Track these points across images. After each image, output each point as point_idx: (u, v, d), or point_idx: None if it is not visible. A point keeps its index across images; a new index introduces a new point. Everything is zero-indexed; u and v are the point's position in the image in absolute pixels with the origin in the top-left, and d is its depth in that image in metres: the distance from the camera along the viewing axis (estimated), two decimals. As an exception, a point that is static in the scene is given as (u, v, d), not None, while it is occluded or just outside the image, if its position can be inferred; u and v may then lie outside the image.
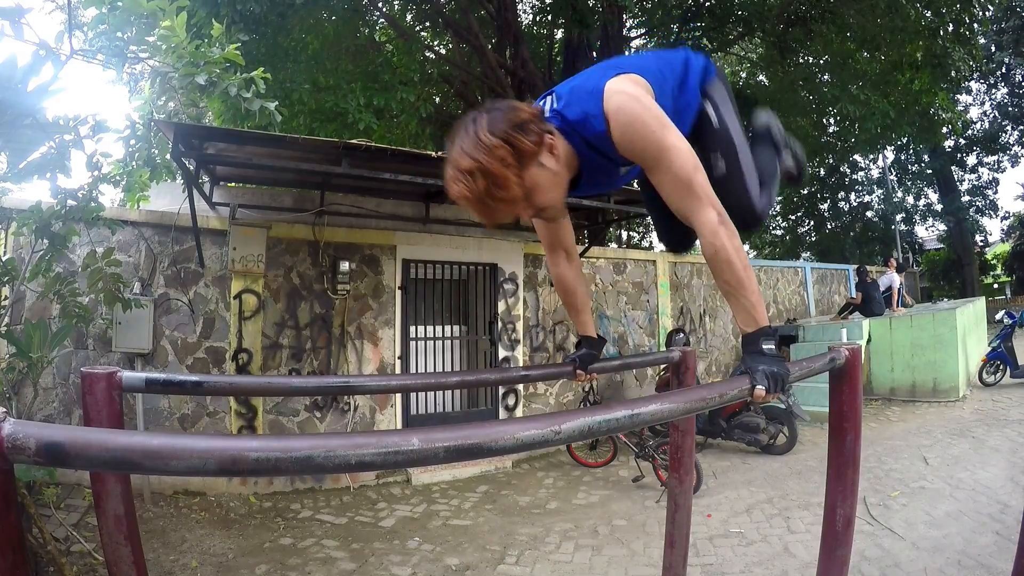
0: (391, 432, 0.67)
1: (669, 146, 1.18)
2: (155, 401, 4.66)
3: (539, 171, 1.16)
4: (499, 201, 1.11)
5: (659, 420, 0.92)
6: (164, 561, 3.54)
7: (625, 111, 1.19)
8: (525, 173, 1.13)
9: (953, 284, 21.53)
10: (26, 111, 2.45)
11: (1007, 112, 20.14)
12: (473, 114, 1.15)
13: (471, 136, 1.10)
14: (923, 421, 6.50)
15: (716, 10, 8.74)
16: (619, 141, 1.21)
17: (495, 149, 1.08)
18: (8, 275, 3.24)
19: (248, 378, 4.09)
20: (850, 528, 1.29)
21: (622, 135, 1.20)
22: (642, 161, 1.23)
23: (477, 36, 8.62)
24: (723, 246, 1.16)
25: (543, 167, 1.17)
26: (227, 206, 5.07)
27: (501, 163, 1.08)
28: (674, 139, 1.19)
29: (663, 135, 1.18)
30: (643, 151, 1.20)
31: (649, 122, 1.19)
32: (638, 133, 1.18)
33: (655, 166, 1.21)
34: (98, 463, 0.60)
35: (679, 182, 1.19)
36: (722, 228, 1.17)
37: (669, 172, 1.19)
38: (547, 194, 1.20)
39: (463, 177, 1.09)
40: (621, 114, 1.19)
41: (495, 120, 1.11)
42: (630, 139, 1.20)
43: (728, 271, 1.17)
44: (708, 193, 1.20)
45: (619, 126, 1.19)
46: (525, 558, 3.63)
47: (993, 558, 3.08)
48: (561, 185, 1.25)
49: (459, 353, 6.50)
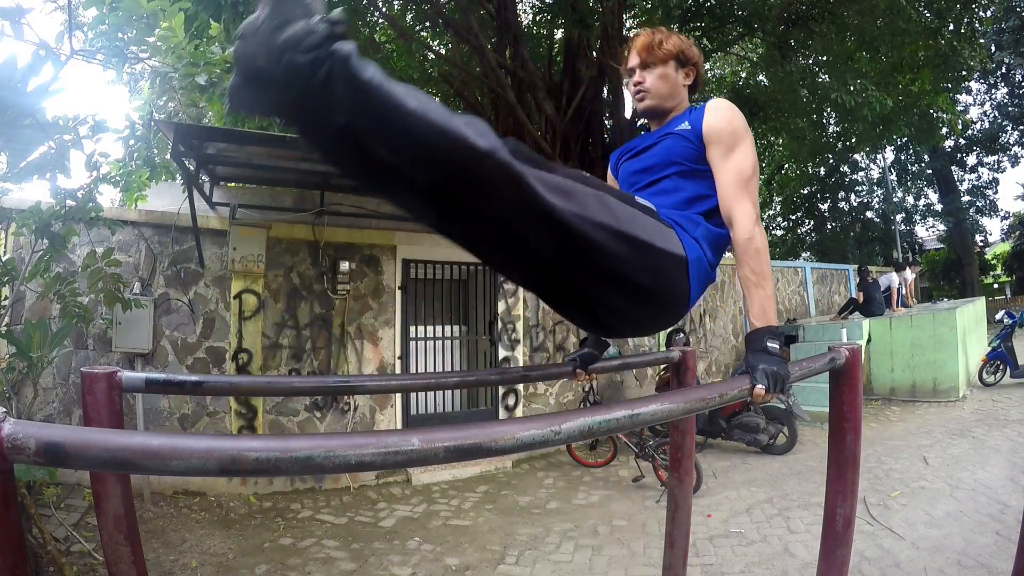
0: (391, 432, 0.67)
1: (748, 147, 1.40)
2: (155, 401, 4.65)
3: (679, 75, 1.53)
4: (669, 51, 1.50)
5: (659, 420, 0.92)
6: (164, 561, 3.54)
7: (730, 106, 1.45)
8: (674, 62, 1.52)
9: (953, 284, 21.53)
10: (26, 111, 2.44)
11: (1007, 112, 20.14)
12: None
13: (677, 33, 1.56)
14: (923, 421, 6.50)
15: (716, 10, 8.74)
16: (711, 113, 1.43)
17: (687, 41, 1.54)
18: (8, 275, 3.24)
19: (248, 378, 4.09)
20: (850, 528, 1.29)
21: (714, 119, 1.41)
22: (719, 140, 1.40)
23: (477, 36, 8.61)
24: (759, 235, 1.31)
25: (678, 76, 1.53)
26: (227, 206, 5.07)
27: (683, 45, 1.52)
28: (752, 147, 1.42)
29: (746, 137, 1.41)
30: (729, 135, 1.39)
31: (739, 121, 1.42)
32: (732, 121, 1.41)
33: (728, 152, 1.38)
34: (98, 463, 0.60)
35: (742, 173, 1.36)
36: (759, 225, 1.33)
37: (739, 162, 1.37)
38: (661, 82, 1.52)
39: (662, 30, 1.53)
40: (726, 105, 1.45)
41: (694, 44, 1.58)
42: (719, 124, 1.40)
43: (756, 260, 1.29)
44: (756, 198, 1.38)
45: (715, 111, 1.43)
46: (525, 558, 3.63)
47: (993, 558, 3.08)
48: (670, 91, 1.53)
49: (459, 353, 6.50)
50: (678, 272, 1.24)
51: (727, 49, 10.93)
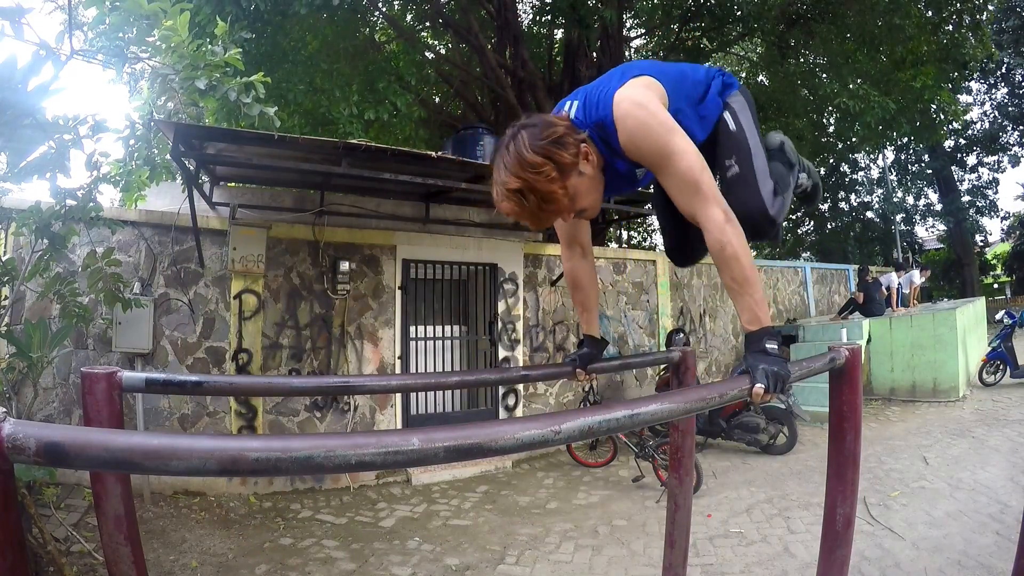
0: (391, 432, 0.67)
1: (675, 150, 1.22)
2: (155, 401, 4.65)
3: (579, 179, 1.24)
4: (547, 212, 1.21)
5: (659, 420, 0.92)
6: (164, 561, 3.54)
7: (631, 117, 1.23)
8: (568, 183, 1.21)
9: (953, 284, 21.52)
10: (26, 111, 2.44)
11: (1007, 112, 20.12)
12: (511, 131, 1.23)
13: (513, 155, 1.17)
14: (923, 421, 6.50)
15: (716, 10, 8.74)
16: (626, 146, 1.26)
17: (539, 167, 1.16)
18: (8, 275, 3.24)
19: (248, 378, 4.09)
20: (850, 528, 1.29)
21: (628, 140, 1.25)
22: (649, 165, 1.27)
23: (477, 36, 8.61)
24: (729, 242, 1.19)
25: (582, 175, 1.25)
26: (227, 206, 5.07)
27: (546, 179, 1.16)
28: (679, 142, 1.23)
29: (668, 139, 1.22)
30: (649, 155, 1.25)
31: (654, 127, 1.22)
32: (643, 138, 1.23)
33: (662, 169, 1.25)
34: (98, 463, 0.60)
35: (686, 183, 1.22)
36: (728, 226, 1.20)
37: (676, 174, 1.23)
38: (587, 198, 1.29)
39: (513, 196, 1.18)
40: (627, 120, 1.24)
41: (534, 137, 1.18)
42: (636, 144, 1.25)
43: (735, 267, 1.20)
44: (715, 193, 1.23)
45: (625, 132, 1.24)
46: (525, 558, 3.63)
47: (993, 558, 3.07)
48: (598, 188, 1.33)
49: (459, 353, 6.50)
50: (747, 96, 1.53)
51: (727, 49, 10.94)
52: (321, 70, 7.43)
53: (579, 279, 1.70)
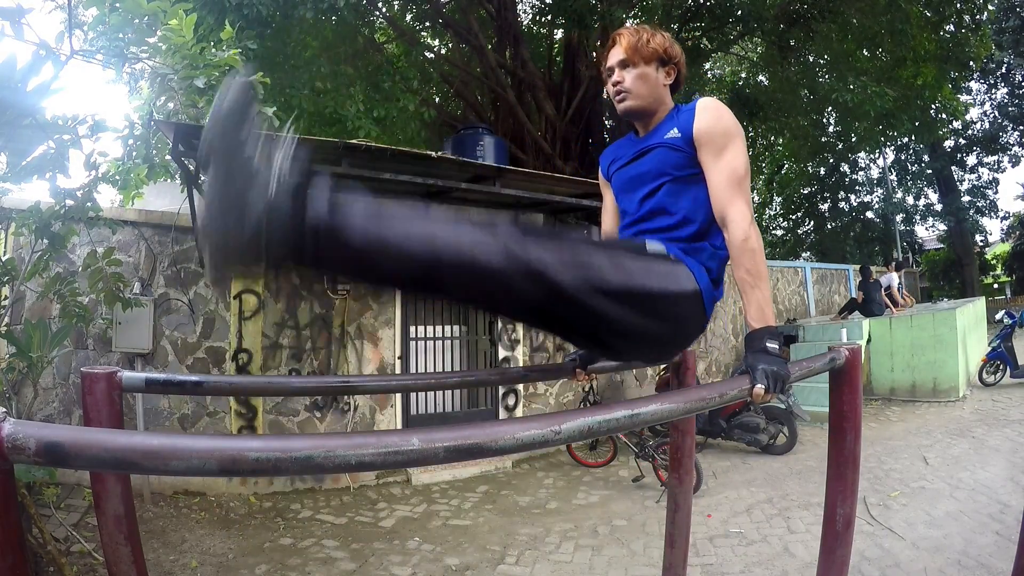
0: (391, 432, 0.67)
1: (738, 145, 1.38)
2: (155, 401, 4.65)
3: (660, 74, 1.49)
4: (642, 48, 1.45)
5: (659, 420, 0.92)
6: (164, 561, 3.54)
7: (716, 107, 1.42)
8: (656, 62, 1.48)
9: (953, 284, 21.51)
10: (26, 111, 2.44)
11: (1007, 112, 20.12)
12: None
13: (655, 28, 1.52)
14: (923, 421, 6.50)
15: (716, 10, 8.74)
16: (700, 124, 1.39)
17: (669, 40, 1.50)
18: (8, 275, 3.24)
19: (248, 378, 4.09)
20: (850, 528, 1.29)
21: (704, 121, 1.39)
22: (710, 141, 1.38)
23: (477, 36, 8.62)
24: (754, 236, 1.29)
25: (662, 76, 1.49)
26: (227, 206, 5.06)
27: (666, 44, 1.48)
28: (742, 144, 1.39)
29: (736, 135, 1.38)
30: (717, 137, 1.37)
31: (730, 123, 1.39)
32: (718, 124, 1.39)
33: (719, 152, 1.36)
34: (98, 463, 0.60)
35: (735, 172, 1.35)
36: (754, 225, 1.31)
37: (732, 162, 1.35)
38: (642, 82, 1.47)
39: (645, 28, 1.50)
40: (711, 108, 1.41)
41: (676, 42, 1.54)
42: (710, 126, 1.38)
43: (752, 259, 1.28)
44: (750, 198, 1.37)
45: (706, 113, 1.40)
46: (525, 558, 3.63)
47: (993, 558, 3.07)
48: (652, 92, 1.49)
49: (459, 353, 6.50)
50: (695, 306, 1.31)
51: (727, 49, 10.93)
52: (323, 72, 7.43)
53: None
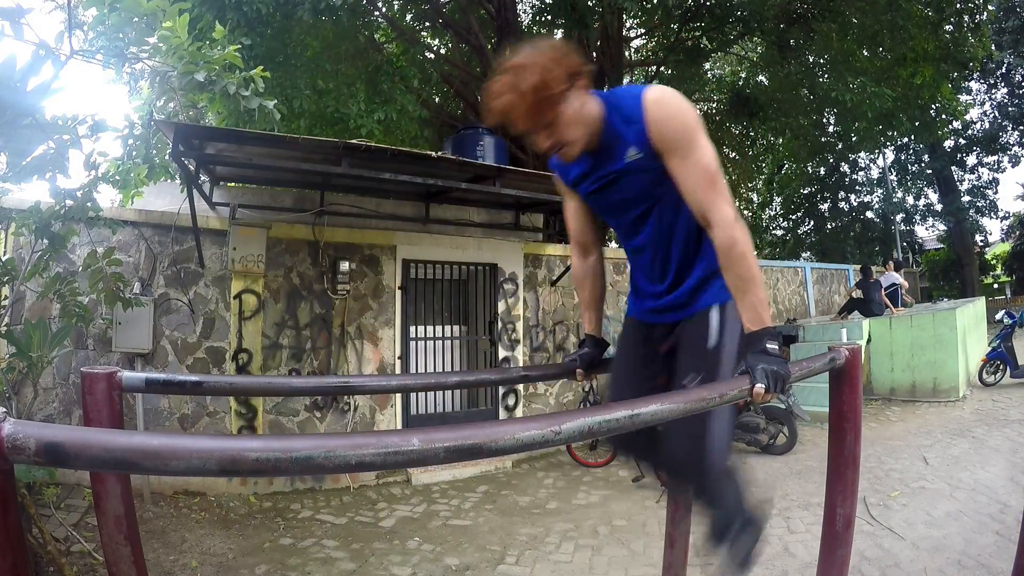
0: (391, 432, 0.67)
1: (701, 141, 1.25)
2: (155, 401, 4.65)
3: (571, 103, 1.25)
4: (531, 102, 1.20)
5: (659, 420, 0.92)
6: (164, 561, 3.54)
7: (668, 100, 1.26)
8: (566, 95, 1.23)
9: (953, 284, 21.50)
10: (26, 111, 2.44)
11: (1007, 112, 20.10)
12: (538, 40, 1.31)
13: (536, 46, 1.25)
14: (923, 421, 6.50)
15: (716, 10, 8.73)
16: (652, 126, 1.26)
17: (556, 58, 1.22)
18: (8, 275, 3.23)
19: (248, 378, 4.09)
20: (850, 528, 1.29)
21: (656, 121, 1.25)
22: (671, 145, 1.26)
23: (477, 36, 8.62)
24: (740, 239, 1.22)
25: (570, 103, 1.25)
26: (227, 206, 5.07)
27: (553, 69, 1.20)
28: (704, 138, 1.26)
29: (696, 131, 1.25)
30: (676, 140, 1.25)
31: (687, 117, 1.25)
32: (673, 122, 1.25)
33: (685, 155, 1.25)
34: (98, 463, 0.60)
35: (706, 174, 1.24)
36: (738, 224, 1.23)
37: (698, 164, 1.25)
38: (567, 128, 1.28)
39: (518, 70, 1.20)
40: (663, 103, 1.26)
41: (557, 44, 1.29)
42: (664, 126, 1.25)
43: (742, 264, 1.22)
44: (727, 192, 1.26)
45: (657, 112, 1.25)
46: (525, 558, 3.63)
47: (993, 558, 3.07)
48: (583, 125, 1.30)
49: (459, 353, 6.50)
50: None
51: (727, 49, 10.92)
52: (324, 72, 7.42)
53: (585, 278, 1.72)
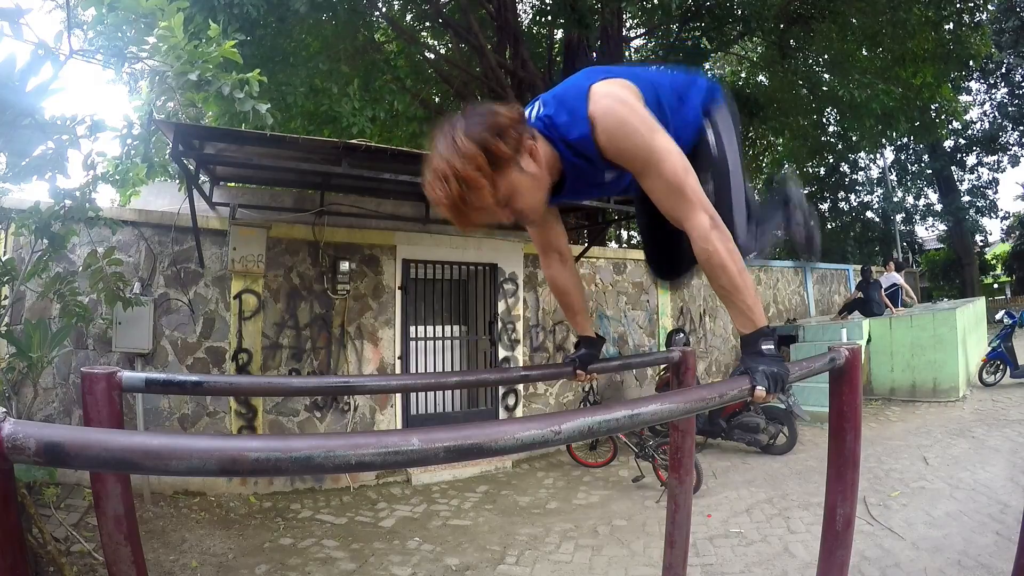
0: (391, 432, 0.67)
1: (659, 149, 1.16)
2: (155, 401, 4.65)
3: (518, 176, 1.15)
4: (472, 207, 1.11)
5: (659, 420, 0.92)
6: (164, 561, 3.54)
7: (612, 114, 1.16)
8: (502, 178, 1.12)
9: (953, 284, 21.50)
10: (25, 111, 2.45)
11: (1007, 112, 20.10)
12: (453, 118, 1.14)
13: (448, 141, 1.10)
14: (923, 421, 6.50)
15: (716, 10, 8.73)
16: (605, 145, 1.18)
17: (470, 155, 1.08)
18: (8, 275, 3.23)
19: (248, 378, 4.09)
20: (850, 528, 1.29)
21: (609, 139, 1.17)
22: (631, 166, 1.20)
23: (477, 36, 8.61)
24: (715, 250, 1.15)
25: (523, 171, 1.16)
26: (227, 206, 5.07)
27: (476, 169, 1.08)
28: (663, 142, 1.17)
29: (651, 139, 1.16)
30: (632, 155, 1.18)
31: (637, 126, 1.16)
32: (626, 137, 1.16)
33: (644, 171, 1.19)
34: (98, 463, 0.60)
35: (671, 186, 1.17)
36: (714, 232, 1.16)
37: (660, 177, 1.17)
38: (526, 198, 1.19)
39: (438, 182, 1.09)
40: (608, 117, 1.16)
41: (472, 125, 1.11)
42: (617, 143, 1.17)
43: (722, 275, 1.17)
44: (701, 197, 1.18)
45: (605, 130, 1.17)
46: (525, 558, 3.63)
47: (993, 558, 3.07)
48: (541, 189, 1.23)
49: (459, 353, 6.50)
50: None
51: (727, 49, 10.92)
52: (321, 71, 7.42)
53: (560, 285, 1.67)
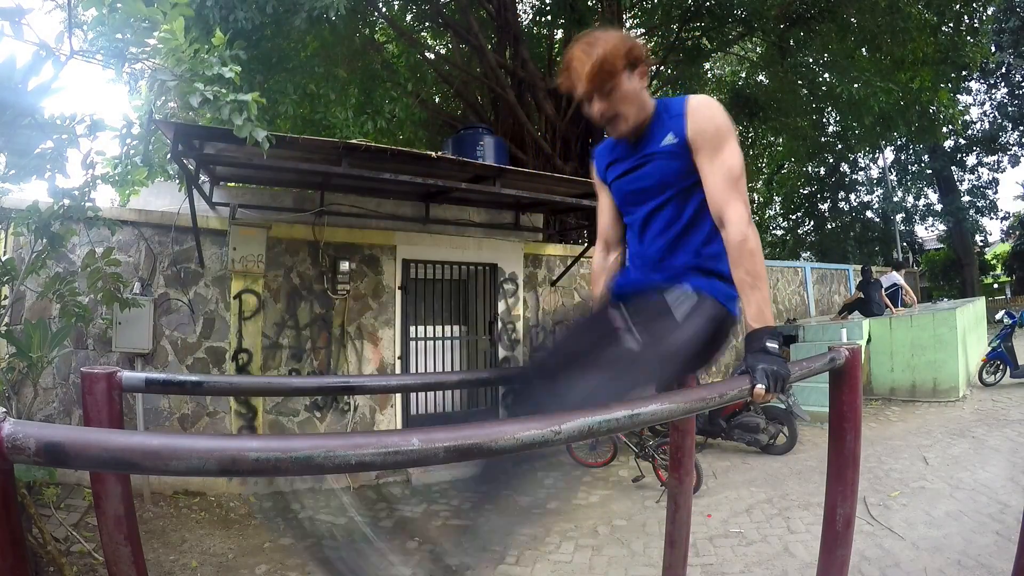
0: (391, 432, 0.67)
1: (732, 143, 1.37)
2: (155, 401, 4.65)
3: (634, 84, 1.40)
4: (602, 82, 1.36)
5: (659, 420, 0.92)
6: (164, 561, 3.54)
7: (708, 105, 1.41)
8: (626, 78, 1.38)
9: (953, 284, 21.49)
10: (26, 111, 2.45)
11: (1007, 112, 20.09)
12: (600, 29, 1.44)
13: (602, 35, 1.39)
14: (923, 421, 6.50)
15: (716, 10, 8.73)
16: (692, 123, 1.37)
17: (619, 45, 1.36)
18: (8, 275, 3.23)
19: (248, 378, 4.09)
20: (850, 528, 1.29)
21: (696, 120, 1.37)
22: (705, 141, 1.36)
23: (477, 36, 8.61)
24: (752, 236, 1.29)
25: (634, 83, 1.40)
26: (227, 206, 5.06)
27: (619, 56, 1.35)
28: (737, 143, 1.38)
29: (729, 133, 1.37)
30: (714, 134, 1.36)
31: (723, 120, 1.39)
32: (711, 122, 1.38)
33: (717, 150, 1.35)
34: (98, 463, 0.60)
35: (732, 172, 1.34)
36: (751, 225, 1.31)
37: (727, 161, 1.35)
38: (623, 102, 1.40)
39: (592, 41, 1.37)
40: (704, 106, 1.40)
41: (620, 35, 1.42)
42: (702, 125, 1.37)
43: (751, 261, 1.28)
44: (746, 196, 1.36)
45: (697, 112, 1.39)
46: (525, 558, 3.63)
47: (993, 558, 3.07)
48: (636, 106, 1.42)
49: (459, 353, 6.50)
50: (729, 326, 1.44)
51: (727, 49, 10.92)
52: (316, 75, 7.38)
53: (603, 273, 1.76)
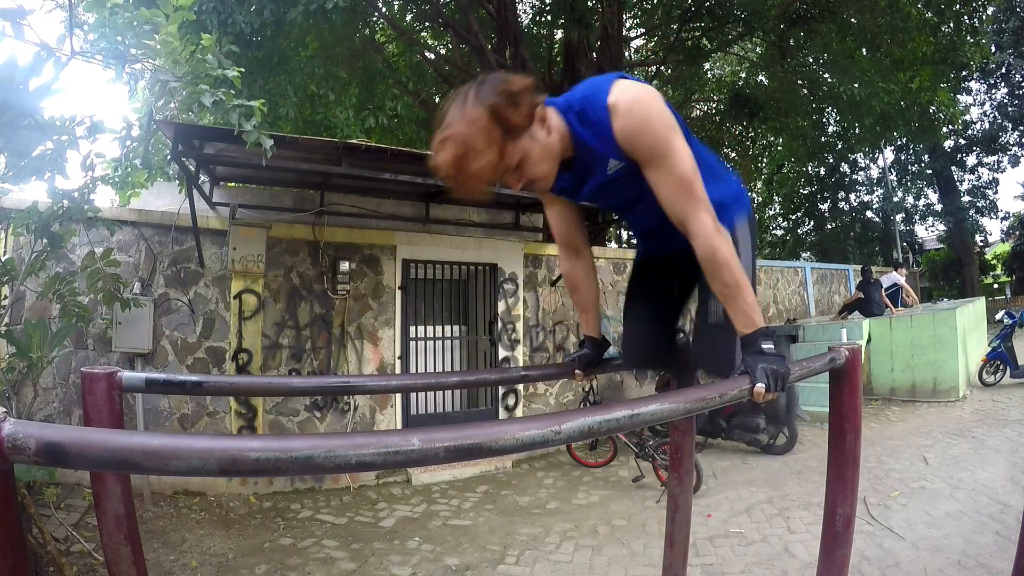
0: (391, 432, 0.67)
1: (675, 146, 1.18)
2: (155, 401, 4.65)
3: (529, 143, 1.16)
4: (472, 174, 1.10)
5: (659, 420, 0.92)
6: (164, 561, 3.54)
7: (635, 108, 1.17)
8: (512, 144, 1.13)
9: (953, 284, 21.50)
10: (26, 111, 2.45)
11: (1007, 112, 20.10)
12: (468, 84, 1.15)
13: (459, 106, 1.11)
14: (923, 421, 6.49)
15: (716, 10, 8.73)
16: (621, 131, 1.18)
17: (478, 120, 1.07)
18: (8, 275, 3.23)
19: (248, 378, 4.09)
20: (850, 528, 1.29)
21: (624, 127, 1.17)
22: (644, 156, 1.20)
23: (477, 36, 8.61)
24: (721, 247, 1.18)
25: (533, 139, 1.17)
26: (227, 206, 5.07)
27: (484, 134, 1.08)
28: (679, 142, 1.19)
29: (669, 135, 1.18)
30: (646, 147, 1.18)
31: (656, 120, 1.17)
32: (644, 128, 1.17)
33: (658, 164, 1.19)
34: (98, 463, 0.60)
35: (681, 183, 1.19)
36: (718, 233, 1.19)
37: (672, 173, 1.19)
38: (536, 166, 1.20)
39: (444, 145, 1.09)
40: (631, 111, 1.16)
41: (484, 91, 1.11)
42: (633, 133, 1.17)
43: (726, 273, 1.19)
44: (706, 199, 1.21)
45: (624, 117, 1.17)
46: (525, 558, 3.63)
47: (993, 558, 3.07)
48: (551, 158, 1.22)
49: (459, 353, 6.50)
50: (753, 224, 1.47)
51: (727, 49, 10.92)
52: (317, 75, 7.37)
53: (577, 281, 1.68)
